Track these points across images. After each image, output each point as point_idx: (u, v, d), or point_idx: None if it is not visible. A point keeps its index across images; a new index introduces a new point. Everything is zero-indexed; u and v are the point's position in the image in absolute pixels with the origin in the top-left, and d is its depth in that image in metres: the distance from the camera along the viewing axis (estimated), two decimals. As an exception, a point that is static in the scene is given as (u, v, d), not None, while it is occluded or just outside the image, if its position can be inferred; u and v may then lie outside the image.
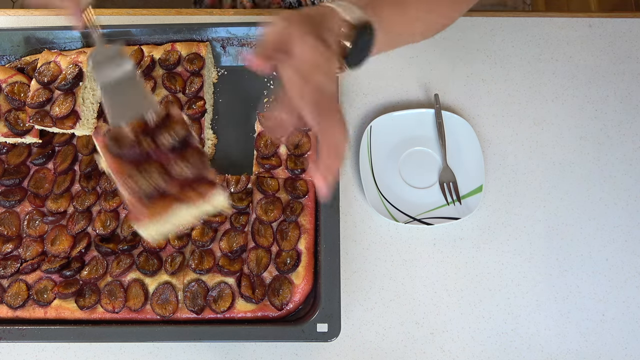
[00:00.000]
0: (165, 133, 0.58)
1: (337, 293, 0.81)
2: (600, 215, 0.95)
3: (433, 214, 0.93)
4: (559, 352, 0.87)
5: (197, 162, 0.59)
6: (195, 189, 0.58)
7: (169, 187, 0.57)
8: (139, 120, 0.59)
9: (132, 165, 0.57)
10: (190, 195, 0.57)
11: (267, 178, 0.91)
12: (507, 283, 0.91)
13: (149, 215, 0.55)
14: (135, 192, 0.55)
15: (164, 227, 0.57)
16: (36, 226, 0.89)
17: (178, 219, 0.58)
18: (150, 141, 0.58)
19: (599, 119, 1.01)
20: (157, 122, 0.59)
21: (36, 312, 0.84)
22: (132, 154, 0.57)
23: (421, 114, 0.99)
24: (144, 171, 0.56)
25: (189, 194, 0.57)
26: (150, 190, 0.56)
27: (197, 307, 0.83)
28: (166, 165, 0.57)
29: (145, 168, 0.57)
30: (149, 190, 0.56)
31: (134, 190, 0.56)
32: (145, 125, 0.59)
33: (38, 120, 0.88)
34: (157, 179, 0.57)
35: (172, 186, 0.57)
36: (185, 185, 0.58)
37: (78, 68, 0.90)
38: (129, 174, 0.56)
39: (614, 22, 1.08)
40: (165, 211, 0.56)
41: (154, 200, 0.56)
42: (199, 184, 0.59)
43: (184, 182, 0.58)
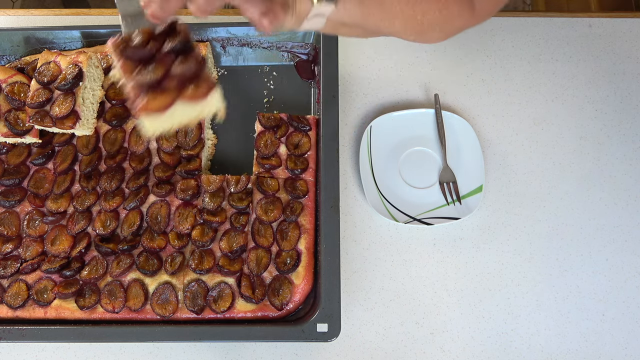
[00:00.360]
0: (169, 39, 0.65)
1: (337, 293, 0.81)
2: (600, 215, 0.95)
3: (433, 214, 0.93)
4: (559, 352, 0.87)
5: (195, 64, 0.66)
6: (194, 86, 0.64)
7: (169, 82, 0.63)
8: (149, 28, 0.66)
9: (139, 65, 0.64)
10: (189, 91, 0.64)
11: (267, 178, 0.91)
12: (507, 283, 0.91)
13: (152, 105, 0.62)
14: (139, 84, 0.62)
15: (166, 121, 0.64)
16: (36, 226, 0.89)
17: (179, 116, 0.65)
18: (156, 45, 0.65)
19: (599, 119, 1.01)
20: (164, 31, 0.66)
21: (36, 312, 0.84)
22: (138, 54, 0.63)
23: (421, 114, 0.99)
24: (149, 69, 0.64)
25: (188, 91, 0.64)
26: (151, 80, 0.62)
27: (197, 307, 0.83)
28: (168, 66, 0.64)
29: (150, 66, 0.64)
30: (151, 81, 0.63)
31: (138, 83, 0.62)
32: (153, 34, 0.66)
33: (38, 120, 0.88)
34: (158, 72, 0.63)
35: (171, 81, 0.63)
36: (184, 82, 0.64)
37: (78, 68, 0.90)
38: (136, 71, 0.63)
39: (614, 22, 1.08)
40: (167, 103, 0.63)
41: (156, 93, 0.62)
42: (198, 83, 0.65)
43: (183, 80, 0.64)
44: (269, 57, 1.03)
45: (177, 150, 0.93)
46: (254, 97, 1.02)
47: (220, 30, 0.99)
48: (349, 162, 0.98)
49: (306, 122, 0.94)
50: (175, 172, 0.92)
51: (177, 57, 0.65)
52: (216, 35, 1.00)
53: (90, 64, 0.92)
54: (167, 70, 0.64)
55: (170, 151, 0.93)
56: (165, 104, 0.62)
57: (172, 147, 0.93)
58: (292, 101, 1.01)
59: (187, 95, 0.64)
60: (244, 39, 1.01)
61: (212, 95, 0.66)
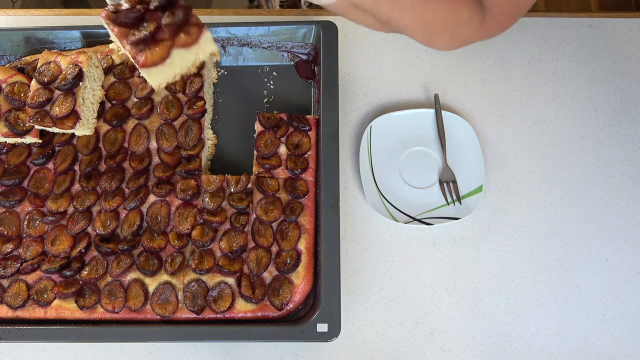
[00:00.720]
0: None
1: (337, 293, 0.81)
2: (600, 215, 0.95)
3: (433, 214, 0.93)
4: (559, 352, 0.87)
5: (182, 12, 0.70)
6: (185, 32, 0.68)
7: (162, 33, 0.67)
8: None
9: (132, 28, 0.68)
10: (181, 37, 0.68)
11: (267, 178, 0.91)
12: (507, 283, 0.91)
13: (152, 58, 0.65)
14: (135, 43, 0.66)
15: (167, 71, 0.67)
16: (36, 226, 0.89)
17: (178, 64, 0.68)
18: (143, 5, 0.69)
19: (599, 119, 1.01)
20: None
21: (36, 312, 0.84)
22: (129, 17, 0.67)
23: (421, 114, 0.99)
24: (142, 28, 0.68)
25: (180, 38, 0.68)
26: (145, 36, 0.66)
27: (197, 307, 0.83)
28: (158, 21, 0.68)
29: (144, 27, 0.68)
30: (145, 36, 0.66)
31: (134, 41, 0.66)
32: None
33: (38, 120, 0.88)
34: (150, 27, 0.67)
35: (163, 33, 0.67)
36: (175, 31, 0.68)
37: (78, 68, 0.90)
38: (129, 33, 0.67)
39: (614, 22, 1.08)
40: (164, 54, 0.66)
41: (152, 46, 0.66)
42: (188, 29, 0.69)
43: (174, 29, 0.68)
44: (269, 57, 1.03)
45: (177, 150, 0.93)
46: (254, 97, 1.02)
47: (220, 30, 0.99)
48: (349, 162, 0.98)
49: (306, 122, 0.94)
50: (175, 172, 0.92)
51: (165, 12, 0.69)
52: (216, 35, 1.00)
53: (91, 64, 0.92)
54: (158, 24, 0.68)
55: (170, 151, 0.93)
56: (163, 55, 0.66)
57: (172, 147, 0.93)
58: (292, 101, 1.01)
59: (181, 42, 0.68)
60: (244, 39, 1.01)
61: (203, 37, 0.69)
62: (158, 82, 0.69)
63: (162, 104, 0.94)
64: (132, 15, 0.67)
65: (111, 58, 0.98)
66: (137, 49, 0.66)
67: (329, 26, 0.98)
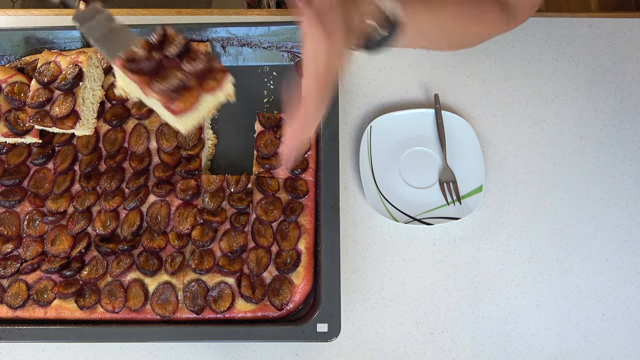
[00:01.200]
0: (169, 45, 0.69)
1: (337, 293, 0.81)
2: (600, 215, 0.95)
3: (433, 214, 0.93)
4: (559, 352, 0.87)
5: (204, 58, 0.70)
6: (212, 78, 0.69)
7: (190, 80, 0.67)
8: (144, 40, 0.70)
9: (152, 74, 0.67)
10: (209, 83, 0.68)
11: (267, 178, 0.91)
12: (507, 283, 0.91)
13: (184, 106, 0.65)
14: (164, 91, 0.65)
15: (195, 116, 0.68)
16: (36, 226, 0.89)
17: (205, 108, 0.69)
18: (159, 53, 0.68)
19: (599, 119, 1.01)
20: (158, 40, 0.70)
21: (36, 312, 0.84)
22: (148, 65, 0.67)
23: (421, 114, 0.99)
24: (164, 75, 0.67)
25: (208, 82, 0.68)
26: (176, 84, 0.66)
27: (197, 307, 0.83)
28: (180, 67, 0.68)
29: (164, 73, 0.67)
30: (175, 85, 0.66)
31: (163, 90, 0.66)
32: (150, 44, 0.69)
33: (38, 120, 0.88)
34: (178, 75, 0.67)
35: (191, 79, 0.67)
36: (201, 76, 0.69)
37: (78, 68, 0.90)
38: (153, 81, 0.66)
39: (614, 22, 1.08)
40: (195, 100, 0.67)
41: (182, 94, 0.66)
42: (214, 74, 0.70)
43: (200, 75, 0.68)
44: (269, 57, 1.03)
45: (177, 150, 0.93)
46: (254, 97, 1.02)
47: (220, 30, 0.99)
48: (349, 162, 0.98)
49: (306, 122, 0.94)
50: (175, 172, 0.92)
51: (182, 58, 0.69)
52: (216, 35, 1.00)
53: (90, 64, 0.92)
54: (181, 71, 0.68)
55: (170, 151, 0.93)
56: (193, 102, 0.67)
57: (172, 147, 0.93)
58: (292, 101, 1.01)
59: (209, 87, 0.68)
60: (244, 39, 1.01)
61: (227, 80, 0.70)
62: (186, 127, 0.69)
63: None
64: (150, 64, 0.67)
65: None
66: (167, 98, 0.66)
67: (329, 26, 0.98)
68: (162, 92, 0.66)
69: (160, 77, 0.67)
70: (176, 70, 0.68)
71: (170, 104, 0.65)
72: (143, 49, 0.68)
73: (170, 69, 0.68)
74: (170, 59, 0.69)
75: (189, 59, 0.69)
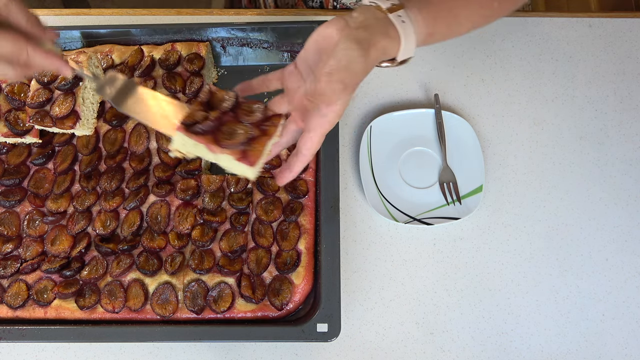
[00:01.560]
0: (219, 101, 0.72)
1: (337, 293, 0.81)
2: (600, 215, 0.95)
3: (433, 214, 0.93)
4: (559, 352, 0.87)
5: (258, 107, 0.73)
6: (270, 124, 0.72)
7: (254, 130, 0.70)
8: (195, 101, 0.72)
9: (216, 133, 0.69)
10: (270, 129, 0.71)
11: (267, 178, 0.91)
12: (507, 283, 0.91)
13: (257, 156, 0.68)
14: (235, 146, 0.68)
15: (263, 161, 0.70)
16: (36, 226, 0.89)
17: (267, 151, 0.71)
18: (216, 111, 0.71)
19: (599, 119, 1.01)
20: (207, 98, 0.72)
21: (36, 312, 0.84)
22: (210, 124, 0.69)
23: (421, 114, 0.99)
24: (229, 131, 0.69)
25: (269, 129, 0.71)
26: (244, 138, 0.68)
27: (197, 307, 0.83)
28: (238, 120, 0.71)
29: (227, 129, 0.69)
30: (245, 139, 0.69)
31: (234, 145, 0.68)
32: (201, 103, 0.71)
33: (38, 120, 0.88)
34: (243, 128, 0.70)
35: (254, 129, 0.70)
36: (261, 124, 0.71)
37: (78, 68, 0.90)
38: (220, 139, 0.68)
39: (614, 22, 1.08)
40: (263, 148, 0.69)
41: (251, 145, 0.69)
42: (272, 120, 0.72)
43: (259, 123, 0.71)
44: (269, 57, 1.03)
45: (177, 150, 0.93)
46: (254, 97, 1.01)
47: (220, 30, 0.99)
48: (349, 162, 0.98)
49: (306, 122, 0.94)
50: (175, 172, 0.92)
51: (235, 111, 0.72)
52: (216, 35, 1.00)
53: (91, 64, 0.92)
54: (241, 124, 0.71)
55: (170, 151, 0.93)
56: (262, 149, 0.69)
57: (172, 147, 0.93)
58: (292, 101, 1.01)
59: (270, 133, 0.71)
60: (244, 39, 1.01)
61: (282, 122, 0.73)
62: (256, 174, 0.70)
63: None
64: (213, 123, 0.69)
65: (111, 58, 0.98)
66: (240, 152, 0.68)
67: (329, 26, 0.98)
68: (233, 148, 0.68)
69: (226, 134, 0.69)
70: (237, 124, 0.70)
71: (245, 158, 0.68)
72: (198, 109, 0.70)
73: (231, 124, 0.70)
74: (226, 114, 0.71)
75: (244, 111, 0.72)
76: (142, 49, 0.98)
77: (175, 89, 0.95)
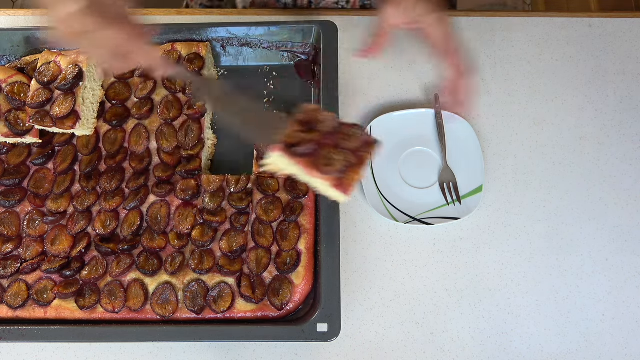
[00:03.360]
0: (318, 121, 0.71)
1: (337, 293, 0.81)
2: (600, 215, 0.95)
3: (433, 214, 0.93)
4: (559, 352, 0.87)
5: (357, 132, 0.73)
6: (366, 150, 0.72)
7: (351, 157, 0.70)
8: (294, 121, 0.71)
9: (315, 157, 0.68)
10: (366, 156, 0.71)
11: (267, 178, 0.91)
12: (507, 283, 0.91)
13: (352, 184, 0.68)
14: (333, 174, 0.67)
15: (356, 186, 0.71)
16: (36, 226, 0.89)
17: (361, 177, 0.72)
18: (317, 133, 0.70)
19: (599, 119, 1.01)
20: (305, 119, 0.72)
21: (36, 312, 0.84)
22: (311, 148, 0.69)
23: (421, 114, 0.99)
24: (327, 156, 0.69)
25: (365, 156, 0.71)
26: (343, 165, 0.69)
27: (197, 307, 0.83)
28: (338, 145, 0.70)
29: (325, 154, 0.68)
30: (343, 167, 0.68)
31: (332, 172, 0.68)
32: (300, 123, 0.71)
33: (38, 120, 0.88)
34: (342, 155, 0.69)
35: (352, 156, 0.70)
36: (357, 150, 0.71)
37: (78, 68, 0.90)
38: (319, 164, 0.68)
39: (614, 22, 1.08)
40: (357, 176, 0.69)
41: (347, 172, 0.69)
42: (368, 143, 0.73)
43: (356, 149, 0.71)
44: (269, 57, 1.03)
45: (177, 150, 0.93)
46: (254, 97, 1.02)
47: (220, 30, 0.99)
48: (349, 162, 0.98)
49: (306, 122, 0.94)
50: (175, 172, 0.92)
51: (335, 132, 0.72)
52: (216, 35, 1.00)
53: (91, 63, 0.92)
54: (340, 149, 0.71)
55: (170, 151, 0.93)
56: (357, 178, 0.70)
57: (172, 147, 0.93)
58: (292, 101, 1.01)
59: (365, 159, 0.71)
60: (244, 39, 1.01)
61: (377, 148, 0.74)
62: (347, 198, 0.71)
63: (162, 104, 0.94)
64: (312, 147, 0.69)
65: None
66: (336, 179, 0.68)
67: (329, 26, 0.98)
68: (331, 175, 0.68)
69: (324, 159, 0.69)
70: (336, 150, 0.70)
71: (340, 186, 0.68)
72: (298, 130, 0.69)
73: (329, 149, 0.69)
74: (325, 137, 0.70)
75: (343, 135, 0.71)
76: (142, 49, 0.98)
77: (175, 89, 0.95)
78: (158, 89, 0.96)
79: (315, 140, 0.69)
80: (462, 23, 1.07)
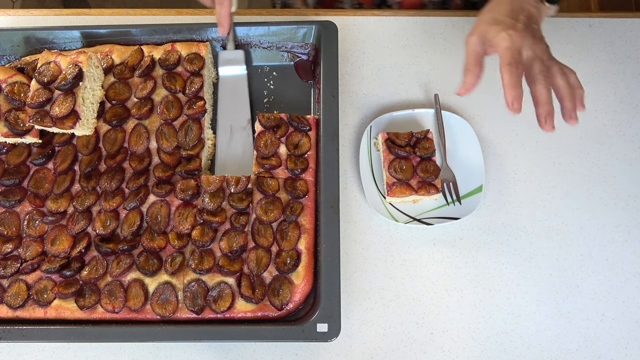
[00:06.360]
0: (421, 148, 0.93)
1: (337, 293, 0.81)
2: (600, 215, 0.95)
3: (433, 214, 0.93)
4: (559, 352, 0.87)
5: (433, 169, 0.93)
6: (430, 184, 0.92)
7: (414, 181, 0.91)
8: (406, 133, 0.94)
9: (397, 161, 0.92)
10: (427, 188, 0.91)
11: (267, 178, 0.91)
12: (507, 283, 0.91)
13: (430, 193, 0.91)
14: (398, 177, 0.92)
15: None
16: (36, 226, 0.89)
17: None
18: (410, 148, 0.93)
19: (599, 119, 1.01)
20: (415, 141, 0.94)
21: (36, 312, 0.84)
22: (401, 153, 0.92)
23: (421, 114, 0.99)
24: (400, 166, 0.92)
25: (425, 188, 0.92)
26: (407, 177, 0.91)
27: (197, 307, 0.83)
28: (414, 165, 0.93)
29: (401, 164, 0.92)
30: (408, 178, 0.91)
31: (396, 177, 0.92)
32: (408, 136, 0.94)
33: (38, 120, 0.88)
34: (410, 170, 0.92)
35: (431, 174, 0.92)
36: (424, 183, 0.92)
37: (78, 68, 0.90)
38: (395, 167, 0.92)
39: (614, 22, 1.08)
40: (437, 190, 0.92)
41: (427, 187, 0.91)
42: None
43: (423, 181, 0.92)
44: (269, 57, 1.03)
45: (177, 150, 0.93)
46: (254, 97, 1.02)
47: (220, 30, 0.99)
48: (349, 162, 0.98)
49: (306, 122, 0.94)
50: (175, 172, 0.92)
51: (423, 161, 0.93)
52: (216, 35, 1.00)
53: (90, 64, 0.92)
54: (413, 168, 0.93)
55: (170, 151, 0.93)
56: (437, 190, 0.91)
57: (172, 147, 0.93)
58: (292, 101, 1.01)
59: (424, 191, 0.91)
60: (243, 39, 1.01)
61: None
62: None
63: (162, 104, 0.95)
64: (402, 153, 0.92)
65: (111, 58, 0.98)
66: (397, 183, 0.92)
67: (329, 26, 0.98)
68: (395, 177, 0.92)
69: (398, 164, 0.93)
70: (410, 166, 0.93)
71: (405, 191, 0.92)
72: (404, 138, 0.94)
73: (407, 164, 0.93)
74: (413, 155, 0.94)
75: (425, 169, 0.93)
76: (142, 49, 0.98)
77: (175, 89, 0.95)
78: (158, 89, 0.96)
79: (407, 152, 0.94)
80: (463, 23, 1.07)
